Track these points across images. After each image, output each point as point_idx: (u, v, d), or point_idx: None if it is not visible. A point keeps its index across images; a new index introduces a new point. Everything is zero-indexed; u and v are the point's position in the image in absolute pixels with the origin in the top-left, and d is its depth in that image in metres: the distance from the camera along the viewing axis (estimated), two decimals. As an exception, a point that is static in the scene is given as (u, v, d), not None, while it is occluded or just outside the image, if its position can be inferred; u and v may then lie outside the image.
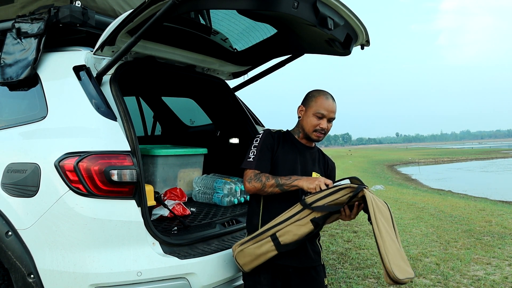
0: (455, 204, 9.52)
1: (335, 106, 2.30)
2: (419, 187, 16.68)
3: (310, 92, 2.37)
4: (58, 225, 2.07)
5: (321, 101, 2.26)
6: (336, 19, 2.32)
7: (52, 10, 2.45)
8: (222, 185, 3.36)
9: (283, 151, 2.31)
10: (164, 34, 2.71)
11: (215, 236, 2.59)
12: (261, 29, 2.92)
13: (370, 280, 4.13)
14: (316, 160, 2.39)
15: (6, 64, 2.51)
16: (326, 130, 2.28)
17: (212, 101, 3.90)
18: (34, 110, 2.43)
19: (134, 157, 2.16)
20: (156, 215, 2.88)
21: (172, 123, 4.63)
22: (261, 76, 3.55)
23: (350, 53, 2.79)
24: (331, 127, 2.31)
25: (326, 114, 2.25)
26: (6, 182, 2.24)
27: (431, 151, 69.96)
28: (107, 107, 2.26)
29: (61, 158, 2.09)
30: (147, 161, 3.34)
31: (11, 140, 2.42)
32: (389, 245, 1.94)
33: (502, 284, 4.03)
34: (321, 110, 2.24)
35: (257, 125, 3.55)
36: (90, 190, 2.05)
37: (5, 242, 2.17)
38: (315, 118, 2.26)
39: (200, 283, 2.24)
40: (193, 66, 3.23)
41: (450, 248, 5.32)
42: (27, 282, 2.11)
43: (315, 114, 2.25)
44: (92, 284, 2.03)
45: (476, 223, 6.96)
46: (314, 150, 2.41)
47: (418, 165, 34.69)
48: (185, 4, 2.02)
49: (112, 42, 2.36)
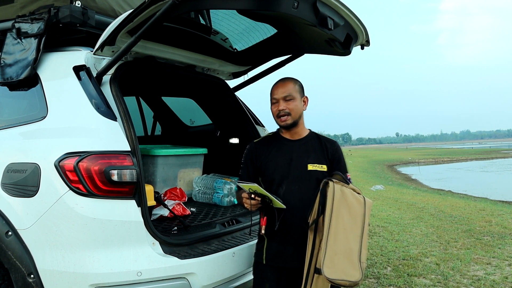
0: (455, 204, 9.52)
1: (287, 85, 2.26)
2: (419, 187, 16.67)
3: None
4: (58, 225, 2.07)
5: (272, 89, 2.31)
6: (336, 19, 2.32)
7: (52, 10, 2.45)
8: (222, 185, 3.36)
9: (270, 155, 2.29)
10: (164, 34, 2.71)
11: (215, 236, 2.59)
12: (261, 29, 2.92)
13: (370, 280, 4.13)
14: (310, 150, 2.28)
15: (6, 64, 2.51)
16: (287, 110, 2.23)
17: (212, 101, 3.90)
18: (34, 110, 2.43)
19: (134, 157, 2.16)
20: (156, 215, 2.88)
21: (172, 123, 4.63)
22: (261, 76, 3.55)
23: (350, 53, 2.79)
24: (295, 106, 2.24)
25: (278, 96, 2.25)
26: (6, 182, 2.24)
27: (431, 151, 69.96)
28: (107, 107, 2.26)
29: (61, 158, 2.09)
30: (147, 161, 3.34)
31: (11, 140, 2.42)
32: (336, 242, 1.96)
33: (502, 284, 4.03)
34: (273, 95, 2.28)
35: (257, 125, 3.55)
36: (90, 190, 2.05)
37: (5, 242, 2.17)
38: (273, 106, 2.28)
39: (200, 283, 2.24)
40: (193, 66, 3.23)
41: (450, 248, 5.32)
42: (27, 282, 2.11)
43: (272, 103, 2.29)
44: (92, 284, 2.03)
45: (476, 223, 6.96)
46: (304, 141, 2.31)
47: (418, 165, 34.67)
48: (185, 4, 2.02)
49: (112, 42, 2.36)
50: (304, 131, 2.34)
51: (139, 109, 4.70)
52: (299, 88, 2.29)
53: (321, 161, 2.26)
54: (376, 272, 4.34)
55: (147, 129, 4.80)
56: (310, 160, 2.25)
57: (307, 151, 2.28)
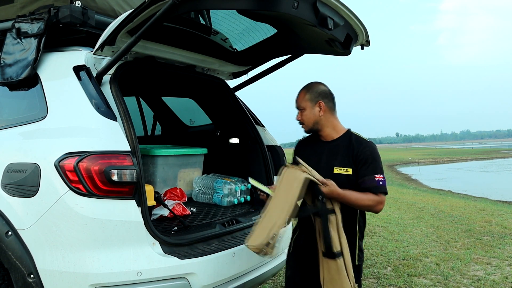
0: (455, 204, 9.52)
1: (299, 95, 2.35)
2: (419, 187, 16.68)
3: None
4: (58, 225, 2.07)
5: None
6: (336, 19, 2.32)
7: (52, 10, 2.45)
8: (222, 185, 3.36)
9: (305, 155, 2.32)
10: (164, 34, 2.71)
11: (215, 236, 2.58)
12: (261, 29, 2.92)
13: (370, 280, 4.13)
14: (338, 152, 2.26)
15: (6, 64, 2.51)
16: (300, 120, 2.36)
17: (212, 101, 3.90)
18: (34, 110, 2.42)
19: (134, 157, 2.16)
20: (156, 215, 2.88)
21: (172, 123, 4.63)
22: (261, 76, 3.54)
23: (350, 53, 2.79)
24: (305, 116, 2.32)
25: (296, 106, 2.37)
26: (6, 182, 2.24)
27: (431, 151, 69.95)
28: (107, 107, 2.26)
29: (61, 158, 2.09)
30: (147, 161, 3.34)
31: (11, 140, 2.42)
32: (265, 218, 2.06)
33: (502, 284, 4.03)
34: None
35: (257, 125, 3.55)
36: (90, 190, 2.05)
37: (5, 242, 2.17)
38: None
39: (200, 283, 2.24)
40: (193, 66, 3.23)
41: (450, 248, 5.32)
42: (27, 282, 2.11)
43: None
44: (92, 284, 2.03)
45: (476, 223, 6.96)
46: (336, 142, 2.30)
47: (418, 165, 34.67)
48: (185, 4, 2.02)
49: (112, 42, 2.36)
50: (337, 132, 2.33)
51: (139, 109, 4.70)
52: (310, 96, 2.31)
53: (346, 164, 2.23)
54: (376, 272, 4.34)
55: (147, 129, 4.80)
56: (336, 163, 2.25)
57: (336, 154, 2.27)
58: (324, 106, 2.29)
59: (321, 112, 2.29)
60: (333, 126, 2.33)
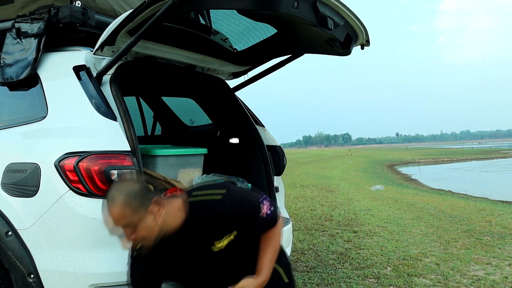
0: (455, 204, 9.52)
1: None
2: (419, 187, 16.67)
3: None
4: (58, 225, 2.07)
5: None
6: (336, 19, 2.32)
7: (52, 10, 2.45)
8: (222, 185, 3.36)
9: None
10: (164, 34, 2.71)
11: (215, 236, 2.58)
12: (261, 29, 2.92)
13: (370, 280, 4.13)
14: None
15: (6, 64, 2.51)
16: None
17: (212, 101, 3.89)
18: (34, 110, 2.43)
19: (134, 157, 2.16)
20: (156, 215, 2.87)
21: (172, 123, 4.63)
22: (261, 76, 3.54)
23: (350, 53, 2.79)
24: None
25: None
26: (6, 182, 2.24)
27: (431, 151, 69.96)
28: (107, 107, 2.26)
29: (61, 158, 2.09)
30: (147, 161, 3.33)
31: (11, 140, 2.42)
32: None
33: (502, 284, 4.03)
34: None
35: (257, 125, 3.55)
36: (90, 190, 2.05)
37: (5, 242, 2.17)
38: None
39: (200, 283, 2.23)
40: (193, 66, 3.23)
41: (450, 248, 5.32)
42: (27, 282, 2.11)
43: None
44: (92, 284, 2.03)
45: (476, 223, 6.96)
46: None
47: (418, 165, 34.66)
48: (185, 4, 2.02)
49: (112, 42, 2.36)
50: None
51: (139, 109, 4.70)
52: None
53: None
54: (376, 272, 4.34)
55: (147, 129, 4.80)
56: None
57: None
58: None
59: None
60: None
